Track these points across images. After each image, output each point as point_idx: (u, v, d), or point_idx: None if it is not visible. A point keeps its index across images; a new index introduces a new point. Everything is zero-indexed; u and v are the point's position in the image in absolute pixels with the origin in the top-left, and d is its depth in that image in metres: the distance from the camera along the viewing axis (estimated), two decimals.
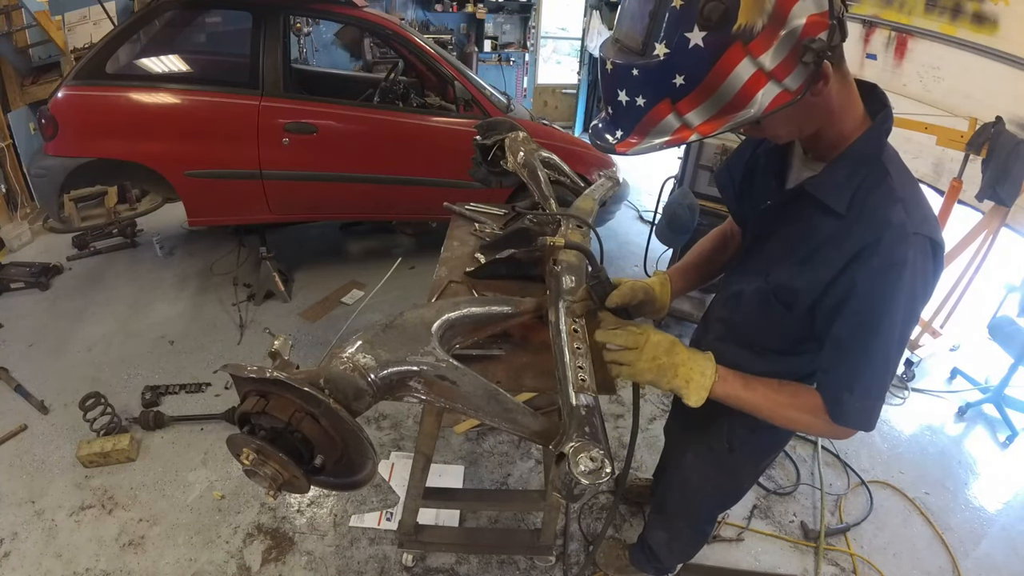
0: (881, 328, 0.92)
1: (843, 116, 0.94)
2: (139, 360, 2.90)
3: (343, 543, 2.10)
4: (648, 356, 1.02)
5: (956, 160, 2.75)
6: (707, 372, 1.02)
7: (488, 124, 1.86)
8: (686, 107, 0.82)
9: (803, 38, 0.76)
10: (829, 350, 1.00)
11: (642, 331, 1.04)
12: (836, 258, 0.94)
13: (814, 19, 0.76)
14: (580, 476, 0.88)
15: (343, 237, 4.28)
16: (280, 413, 0.82)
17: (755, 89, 0.79)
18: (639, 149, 0.88)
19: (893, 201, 0.92)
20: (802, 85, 0.80)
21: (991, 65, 2.82)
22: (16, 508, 2.16)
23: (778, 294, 1.08)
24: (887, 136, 0.98)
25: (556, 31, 7.44)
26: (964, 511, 2.41)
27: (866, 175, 0.95)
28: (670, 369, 1.02)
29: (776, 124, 0.91)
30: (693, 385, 1.02)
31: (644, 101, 0.84)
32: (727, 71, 0.78)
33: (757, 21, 0.75)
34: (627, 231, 4.55)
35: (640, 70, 0.82)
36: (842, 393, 0.97)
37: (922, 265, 0.90)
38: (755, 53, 0.77)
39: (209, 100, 3.00)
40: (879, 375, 0.96)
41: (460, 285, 1.65)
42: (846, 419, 0.99)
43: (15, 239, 3.82)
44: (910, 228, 0.90)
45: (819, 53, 0.77)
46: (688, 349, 1.05)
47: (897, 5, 3.31)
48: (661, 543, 1.81)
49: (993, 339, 3.05)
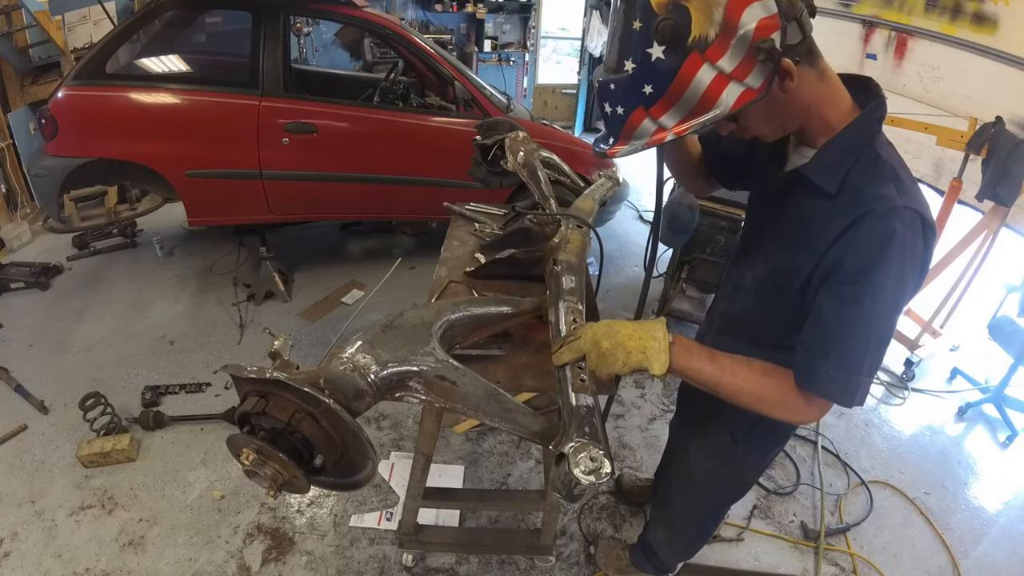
0: (863, 298, 0.92)
1: (824, 108, 0.97)
2: (139, 360, 2.90)
3: (343, 543, 2.10)
4: (593, 352, 1.00)
5: (956, 160, 2.75)
6: (658, 334, 0.98)
7: (488, 124, 1.86)
8: (658, 112, 0.92)
9: (755, 40, 0.83)
10: (810, 321, 0.98)
11: (578, 335, 1.03)
12: (826, 236, 0.95)
13: (764, 22, 0.82)
14: (580, 476, 0.88)
15: (343, 237, 4.28)
16: (280, 413, 0.82)
17: (719, 90, 0.87)
18: (625, 151, 0.99)
19: (883, 180, 0.94)
20: (764, 82, 0.86)
21: (991, 65, 2.81)
22: (16, 508, 2.16)
23: (774, 277, 1.10)
24: (879, 124, 0.99)
25: (556, 31, 7.44)
26: (964, 511, 2.41)
27: (857, 158, 0.97)
28: (619, 349, 0.98)
29: (755, 122, 0.99)
30: (651, 352, 0.97)
31: (623, 110, 0.95)
32: (689, 78, 0.87)
33: (709, 31, 0.83)
34: (627, 231, 4.55)
35: (615, 84, 0.95)
36: (817, 360, 0.95)
37: (912, 240, 0.91)
38: (712, 59, 0.85)
39: (209, 100, 3.00)
40: (859, 346, 0.94)
41: (460, 285, 1.65)
42: (820, 388, 0.96)
43: (15, 239, 3.82)
44: (900, 202, 0.91)
45: (769, 52, 0.83)
46: (632, 322, 1.02)
47: (897, 5, 3.30)
48: (662, 541, 1.81)
49: (993, 339, 3.05)
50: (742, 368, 1.01)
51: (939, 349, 3.26)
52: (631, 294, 3.71)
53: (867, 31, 3.52)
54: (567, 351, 1.04)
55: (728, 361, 1.01)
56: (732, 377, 1.00)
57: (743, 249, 1.29)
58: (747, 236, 1.30)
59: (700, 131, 0.92)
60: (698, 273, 3.09)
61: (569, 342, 1.04)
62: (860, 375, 0.94)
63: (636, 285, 3.81)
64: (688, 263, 3.10)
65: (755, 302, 1.19)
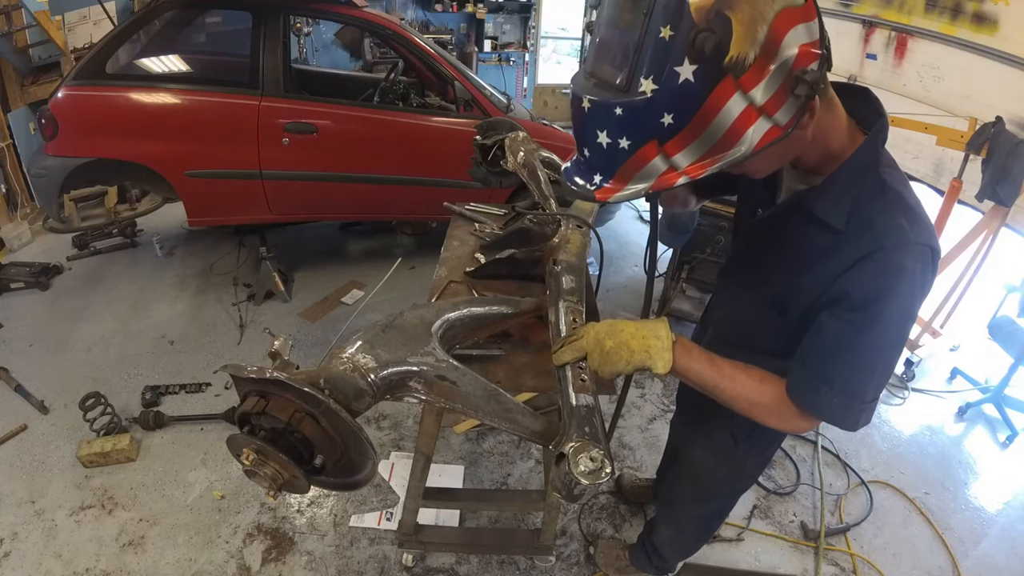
0: (871, 330, 0.90)
1: (826, 139, 0.91)
2: (139, 360, 2.90)
3: (343, 543, 2.10)
4: (595, 351, 0.98)
5: (956, 160, 2.75)
6: (661, 333, 0.96)
7: (488, 124, 1.86)
8: (674, 148, 0.76)
9: (795, 69, 0.72)
10: (810, 338, 0.97)
11: (580, 335, 1.01)
12: (834, 267, 0.93)
13: (806, 49, 0.72)
14: (580, 476, 0.88)
15: (343, 237, 4.28)
16: (280, 413, 0.82)
17: (746, 126, 0.74)
18: (620, 196, 0.82)
19: (895, 212, 0.90)
20: (792, 118, 0.76)
21: (991, 65, 2.82)
22: (16, 508, 2.16)
23: (774, 300, 1.08)
24: (883, 145, 0.95)
25: (556, 31, 7.44)
26: (964, 511, 2.41)
27: (863, 187, 0.92)
28: (623, 348, 0.96)
29: (758, 160, 0.81)
30: (654, 351, 0.95)
31: (628, 143, 0.77)
32: (717, 108, 0.72)
33: (749, 52, 0.70)
34: (627, 231, 4.55)
35: (624, 108, 0.75)
36: (820, 385, 0.94)
37: (920, 275, 0.89)
38: (746, 87, 0.72)
39: (209, 100, 3.00)
40: (864, 375, 0.93)
41: (460, 285, 1.65)
42: (818, 410, 0.96)
43: (15, 239, 3.82)
44: (912, 237, 0.87)
45: (812, 85, 0.72)
46: (634, 321, 0.99)
47: (897, 5, 3.30)
48: (665, 540, 1.81)
49: (993, 339, 3.06)
50: (740, 373, 1.00)
51: (939, 349, 3.26)
52: (631, 294, 3.71)
53: (867, 31, 3.52)
54: (568, 350, 1.02)
55: (727, 365, 1.00)
56: (730, 382, 0.99)
57: (738, 264, 1.26)
58: (741, 253, 1.25)
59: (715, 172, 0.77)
60: (698, 273, 3.09)
61: (570, 341, 1.03)
62: (864, 402, 0.94)
63: (636, 285, 3.81)
64: (688, 263, 3.10)
65: (753, 317, 1.17)
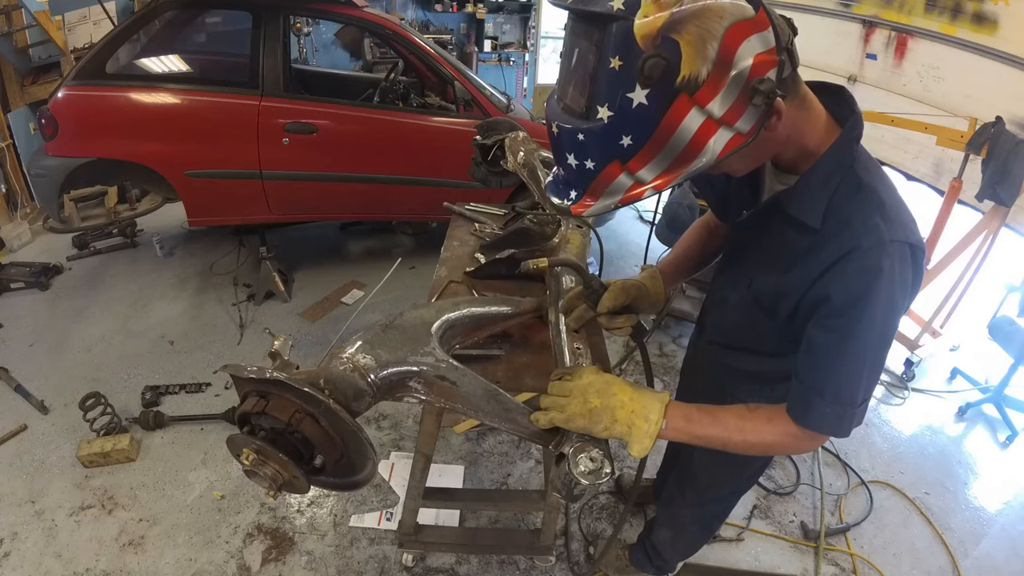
0: (854, 332, 0.90)
1: (803, 136, 0.91)
2: (139, 360, 2.90)
3: (343, 543, 2.10)
4: (578, 400, 0.94)
5: (956, 160, 2.75)
6: (652, 417, 0.93)
7: (488, 124, 1.86)
8: (636, 165, 0.80)
9: (751, 79, 0.74)
10: (802, 354, 0.97)
11: (576, 375, 0.98)
12: (813, 268, 0.93)
13: (761, 58, 0.73)
14: (580, 476, 0.88)
15: (343, 237, 4.28)
16: (280, 413, 0.82)
17: (706, 138, 0.77)
18: (595, 211, 0.86)
19: (870, 210, 0.90)
20: (755, 125, 0.78)
21: (991, 65, 2.82)
22: (16, 508, 2.16)
23: (761, 302, 1.08)
24: (858, 142, 0.95)
25: (556, 31, 7.44)
26: (964, 511, 2.41)
27: (839, 184, 0.92)
28: (605, 413, 0.93)
29: (731, 162, 0.85)
30: (636, 432, 0.93)
31: (593, 164, 0.82)
32: (675, 125, 0.75)
33: (701, 70, 0.72)
34: (627, 231, 4.55)
35: (585, 134, 0.80)
36: (813, 397, 0.94)
37: (900, 273, 0.88)
38: (702, 102, 0.74)
39: (209, 100, 2.99)
40: (852, 380, 0.93)
41: (460, 285, 1.65)
42: (817, 424, 0.95)
43: (15, 239, 3.82)
44: (887, 236, 0.87)
45: (768, 94, 0.74)
46: (635, 388, 0.96)
47: (897, 5, 3.30)
48: (666, 541, 1.81)
49: (993, 339, 3.05)
50: (747, 422, 0.99)
51: (939, 349, 3.26)
52: None
53: (867, 31, 3.52)
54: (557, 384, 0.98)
55: (732, 418, 0.99)
56: (739, 434, 0.98)
57: (727, 264, 1.27)
58: (730, 252, 1.26)
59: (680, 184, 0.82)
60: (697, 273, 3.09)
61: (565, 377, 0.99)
62: (854, 407, 0.94)
63: None
64: None
65: (743, 319, 1.17)
